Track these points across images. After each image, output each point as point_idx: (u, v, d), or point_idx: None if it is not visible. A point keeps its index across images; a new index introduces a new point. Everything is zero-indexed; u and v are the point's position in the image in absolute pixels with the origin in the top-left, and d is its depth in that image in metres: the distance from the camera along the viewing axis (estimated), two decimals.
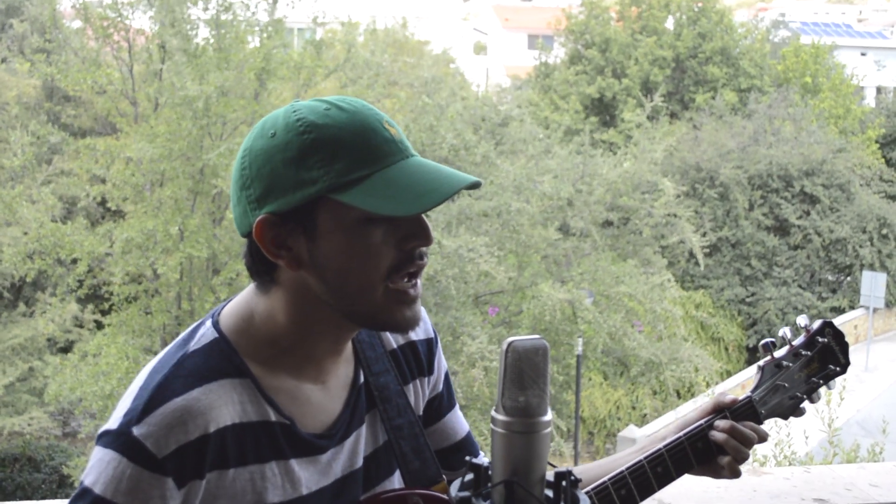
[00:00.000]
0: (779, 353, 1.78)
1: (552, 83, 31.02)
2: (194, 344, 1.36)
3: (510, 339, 1.22)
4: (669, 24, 31.77)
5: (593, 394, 18.48)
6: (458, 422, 1.64)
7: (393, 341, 1.54)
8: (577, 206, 15.50)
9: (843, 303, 23.79)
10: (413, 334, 1.56)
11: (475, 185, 1.33)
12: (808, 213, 24.18)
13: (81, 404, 13.15)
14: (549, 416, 1.23)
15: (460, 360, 12.82)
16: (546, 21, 36.04)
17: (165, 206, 13.41)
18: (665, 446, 1.66)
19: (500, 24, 47.37)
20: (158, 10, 14.54)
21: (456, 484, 1.26)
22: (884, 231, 24.11)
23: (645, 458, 1.64)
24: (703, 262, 17.62)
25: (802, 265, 23.76)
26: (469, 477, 1.26)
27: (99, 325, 15.60)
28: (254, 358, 1.37)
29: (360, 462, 1.45)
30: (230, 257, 13.14)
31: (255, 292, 1.40)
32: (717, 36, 30.52)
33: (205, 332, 1.38)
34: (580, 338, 14.42)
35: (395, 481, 1.49)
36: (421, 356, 1.57)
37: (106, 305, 15.00)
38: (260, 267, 1.37)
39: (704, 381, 16.08)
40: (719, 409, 1.71)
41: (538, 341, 1.22)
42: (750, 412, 1.73)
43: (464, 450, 1.61)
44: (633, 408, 18.60)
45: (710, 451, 1.68)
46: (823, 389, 1.81)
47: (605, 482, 1.60)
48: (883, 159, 28.59)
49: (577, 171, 15.96)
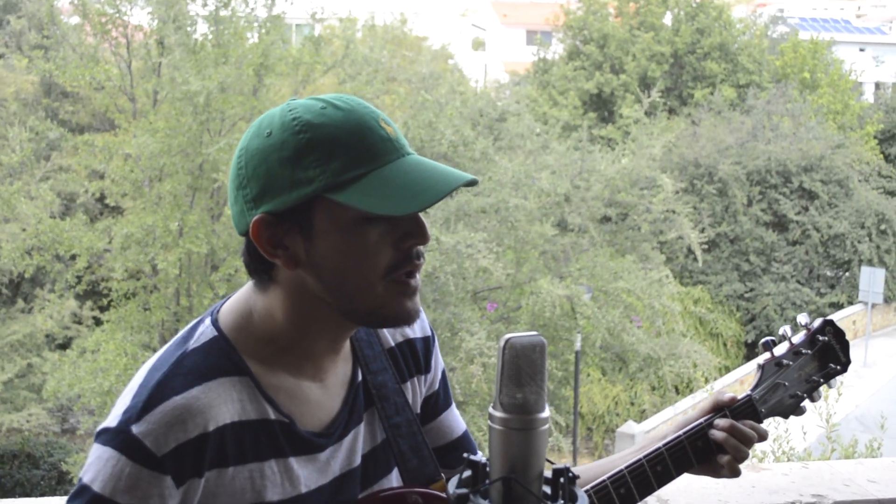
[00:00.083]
0: (779, 352, 1.78)
1: (550, 79, 31.00)
2: (193, 342, 1.36)
3: (507, 335, 1.22)
4: (667, 19, 31.75)
5: (592, 389, 18.49)
6: (455, 420, 1.63)
7: (391, 339, 1.54)
8: (575, 202, 15.49)
9: (841, 298, 23.80)
10: (411, 332, 1.56)
11: (472, 183, 1.33)
12: (806, 209, 24.18)
13: (80, 401, 13.14)
14: (546, 413, 1.22)
15: (459, 356, 12.81)
16: (544, 17, 36.00)
17: (164, 202, 13.40)
18: (665, 445, 1.65)
19: (498, 19, 47.33)
20: (157, 5, 14.52)
21: (454, 481, 1.26)
22: (882, 227, 24.11)
23: (644, 456, 1.64)
24: (702, 257, 17.62)
25: (801, 261, 23.76)
26: (467, 474, 1.26)
27: (97, 321, 15.58)
28: (253, 356, 1.37)
29: (358, 460, 1.45)
30: (228, 253, 13.14)
31: (254, 290, 1.40)
32: (716, 31, 30.49)
33: (204, 330, 1.38)
34: (579, 333, 14.42)
35: (394, 479, 1.49)
36: (419, 354, 1.57)
37: (104, 302, 15.00)
38: (258, 265, 1.37)
39: (703, 376, 16.06)
40: (719, 408, 1.71)
41: (535, 338, 1.22)
42: (750, 411, 1.72)
43: (461, 448, 1.60)
44: (632, 403, 18.61)
45: (709, 450, 1.67)
46: (824, 388, 1.80)
47: (604, 481, 1.60)
48: (881, 155, 28.57)
49: (575, 166, 15.95)
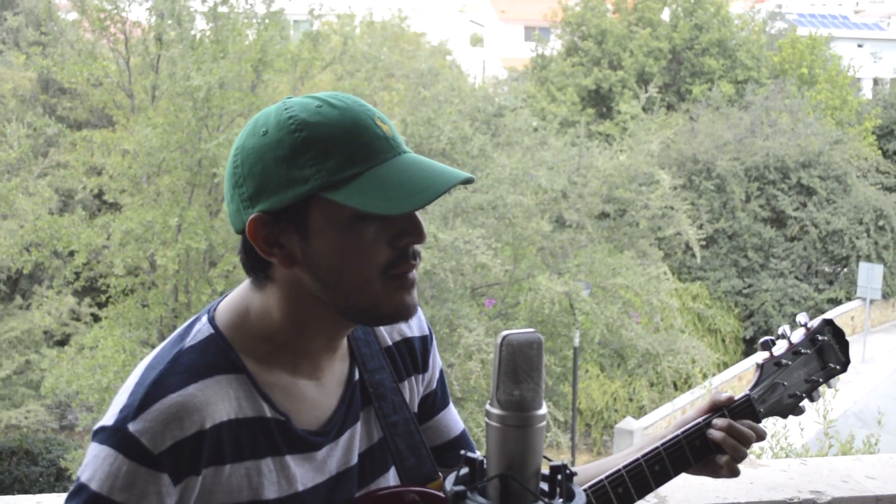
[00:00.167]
0: (778, 351, 1.77)
1: (549, 75, 30.97)
2: (190, 340, 1.36)
3: (504, 332, 1.22)
4: (665, 15, 31.71)
5: (590, 385, 18.49)
6: (453, 419, 1.63)
7: (388, 338, 1.54)
8: (572, 198, 15.49)
9: (839, 294, 23.80)
10: (408, 331, 1.56)
11: (468, 181, 1.33)
12: (804, 205, 24.17)
13: (78, 397, 13.14)
14: (543, 410, 1.23)
15: (457, 353, 12.82)
16: (542, 13, 35.92)
17: (163, 198, 13.39)
18: (663, 445, 1.66)
19: (496, 15, 47.29)
20: (156, 1, 14.51)
21: (451, 478, 1.26)
22: (880, 222, 24.11)
23: (642, 456, 1.64)
24: (700, 253, 17.64)
25: (799, 257, 23.76)
26: (464, 471, 1.26)
27: (96, 317, 15.58)
28: (249, 354, 1.37)
29: (354, 459, 1.45)
30: (227, 249, 13.12)
31: (251, 288, 1.40)
32: (714, 27, 30.46)
33: (201, 328, 1.38)
34: (577, 329, 14.42)
35: (391, 478, 1.49)
36: (416, 353, 1.56)
37: (103, 298, 15.00)
38: (254, 264, 1.37)
39: (701, 372, 16.08)
40: (717, 408, 1.71)
41: (532, 335, 1.22)
42: (748, 411, 1.72)
43: (458, 447, 1.60)
44: (631, 399, 18.61)
45: (708, 450, 1.67)
46: (822, 387, 1.80)
47: (602, 480, 1.60)
48: (879, 151, 28.56)
49: (572, 162, 15.95)
